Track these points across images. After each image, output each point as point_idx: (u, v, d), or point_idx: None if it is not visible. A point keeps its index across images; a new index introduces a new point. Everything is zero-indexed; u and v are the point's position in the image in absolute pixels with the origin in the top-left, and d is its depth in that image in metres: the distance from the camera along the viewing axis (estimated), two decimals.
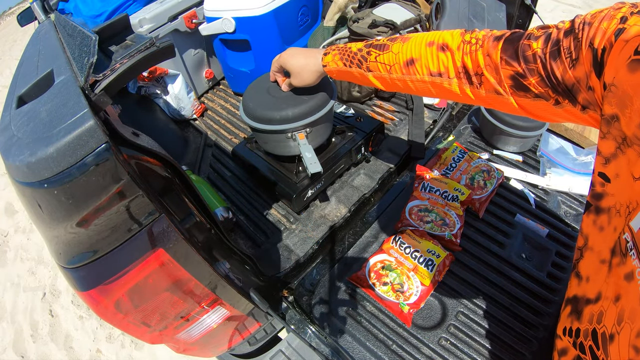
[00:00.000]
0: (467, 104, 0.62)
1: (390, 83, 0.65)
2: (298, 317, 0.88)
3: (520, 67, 0.48)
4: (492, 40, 0.52)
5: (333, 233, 1.02)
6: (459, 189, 1.04)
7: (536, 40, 0.47)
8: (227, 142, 1.39)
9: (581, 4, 4.44)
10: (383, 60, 0.62)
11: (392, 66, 0.62)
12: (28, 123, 0.45)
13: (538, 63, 0.46)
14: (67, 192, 0.40)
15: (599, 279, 0.43)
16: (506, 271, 0.92)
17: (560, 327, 0.52)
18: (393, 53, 0.61)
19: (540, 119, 0.54)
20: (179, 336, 0.71)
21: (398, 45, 0.62)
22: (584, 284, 0.47)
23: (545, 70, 0.46)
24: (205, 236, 0.64)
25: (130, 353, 1.83)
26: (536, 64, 0.47)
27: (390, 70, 0.62)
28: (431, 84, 0.60)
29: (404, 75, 0.61)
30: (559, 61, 0.44)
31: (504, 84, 0.51)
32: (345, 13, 1.48)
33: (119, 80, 0.48)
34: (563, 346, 0.51)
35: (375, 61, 0.63)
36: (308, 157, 0.87)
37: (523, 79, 0.49)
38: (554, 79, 0.45)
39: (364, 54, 0.65)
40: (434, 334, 0.83)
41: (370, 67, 0.65)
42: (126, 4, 1.38)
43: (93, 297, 0.52)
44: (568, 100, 0.46)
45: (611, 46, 0.38)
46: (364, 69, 0.66)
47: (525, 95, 0.50)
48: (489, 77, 0.53)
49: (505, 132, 1.12)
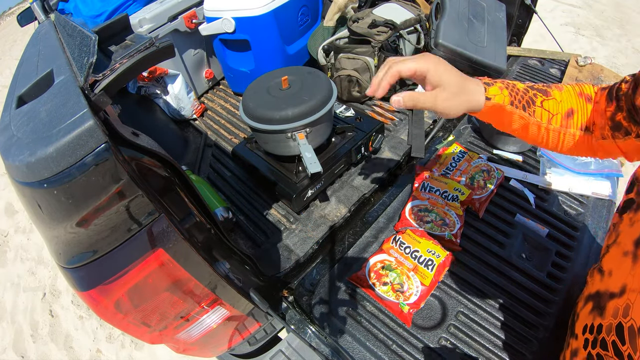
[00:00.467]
0: (573, 154, 0.59)
1: (538, 133, 0.58)
2: (298, 317, 0.88)
3: (614, 106, 0.52)
4: (600, 90, 0.56)
5: (333, 233, 1.02)
6: (459, 188, 1.04)
7: (627, 82, 0.52)
8: (227, 142, 1.39)
9: (581, 3, 4.44)
10: (547, 107, 0.56)
11: (554, 115, 0.56)
12: (28, 123, 0.45)
13: (625, 99, 0.51)
14: (67, 192, 0.40)
15: (623, 272, 0.43)
16: (506, 271, 0.92)
17: (579, 325, 0.52)
18: (556, 101, 0.56)
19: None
20: (179, 336, 0.71)
21: (557, 92, 0.57)
22: (606, 278, 0.48)
23: (628, 103, 0.50)
24: (205, 236, 0.64)
25: (130, 353, 1.83)
26: (623, 100, 0.51)
27: (550, 120, 0.56)
28: (573, 136, 0.57)
29: (561, 127, 0.56)
30: (638, 91, 0.48)
31: (606, 127, 0.54)
32: (345, 13, 1.48)
33: (118, 80, 0.48)
34: (578, 345, 0.51)
35: (541, 106, 0.56)
36: (308, 157, 0.87)
37: (616, 116, 0.52)
38: (634, 110, 0.49)
39: (531, 96, 0.57)
40: (434, 334, 0.83)
41: (535, 112, 0.56)
42: (126, 4, 1.38)
43: (93, 297, 0.52)
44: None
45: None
46: (529, 113, 0.56)
47: (619, 135, 0.53)
48: (597, 123, 0.55)
49: (506, 132, 1.11)
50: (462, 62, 1.37)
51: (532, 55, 1.60)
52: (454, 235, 0.95)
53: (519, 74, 1.49)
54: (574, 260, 0.93)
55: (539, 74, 1.51)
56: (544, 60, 1.59)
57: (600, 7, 4.38)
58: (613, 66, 3.31)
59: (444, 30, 1.34)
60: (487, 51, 1.39)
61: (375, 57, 1.29)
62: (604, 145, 0.55)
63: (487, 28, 1.45)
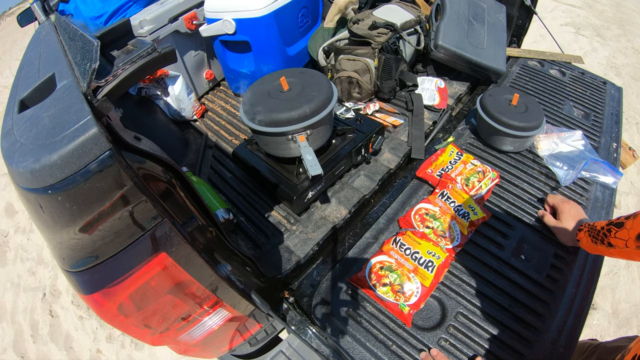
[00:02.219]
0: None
1: (626, 253, 0.74)
2: (299, 318, 0.88)
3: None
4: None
5: (333, 234, 1.02)
6: (474, 208, 1.02)
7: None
8: (228, 143, 1.39)
9: (581, 3, 4.44)
10: (621, 236, 0.73)
11: (627, 240, 0.72)
12: (31, 129, 0.46)
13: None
14: (71, 198, 0.40)
15: None
16: (505, 272, 0.92)
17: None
18: (626, 229, 0.72)
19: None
20: (181, 338, 0.72)
21: (630, 222, 0.72)
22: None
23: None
24: (206, 238, 0.65)
25: (130, 353, 1.84)
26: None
27: (627, 244, 0.72)
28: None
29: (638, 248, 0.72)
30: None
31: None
32: (346, 14, 1.48)
33: (121, 86, 0.48)
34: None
35: (615, 237, 0.75)
36: (309, 159, 0.87)
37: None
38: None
39: (605, 232, 0.78)
40: (433, 335, 0.84)
41: (611, 242, 0.76)
42: (127, 5, 1.38)
43: (96, 300, 0.52)
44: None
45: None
46: (606, 244, 0.77)
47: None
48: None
49: (502, 132, 1.12)
50: (462, 64, 1.38)
51: (532, 56, 1.60)
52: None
53: (519, 76, 1.50)
54: (573, 262, 0.94)
55: (539, 75, 1.51)
56: (544, 62, 1.59)
57: (600, 7, 4.38)
58: (613, 66, 3.31)
59: (443, 31, 1.34)
60: (487, 53, 1.39)
61: (375, 59, 1.29)
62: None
63: (487, 30, 1.45)
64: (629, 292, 1.80)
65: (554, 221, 0.97)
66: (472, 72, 1.42)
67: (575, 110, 1.37)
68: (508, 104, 1.16)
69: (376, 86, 1.34)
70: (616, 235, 0.74)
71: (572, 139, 1.18)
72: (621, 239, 0.73)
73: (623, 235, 0.72)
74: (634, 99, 2.96)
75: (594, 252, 0.85)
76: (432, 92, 1.37)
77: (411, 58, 1.46)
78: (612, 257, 0.79)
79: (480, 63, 1.36)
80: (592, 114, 1.35)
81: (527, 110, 1.14)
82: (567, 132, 1.21)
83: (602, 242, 0.78)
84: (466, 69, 1.40)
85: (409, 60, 1.43)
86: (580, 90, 1.46)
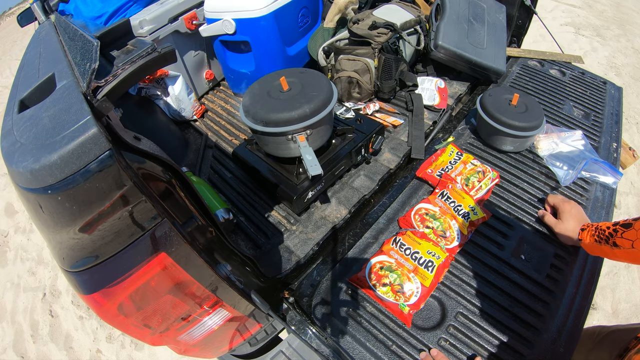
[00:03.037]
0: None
1: (631, 254, 0.75)
2: (299, 318, 0.88)
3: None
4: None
5: (333, 234, 1.02)
6: (474, 208, 1.02)
7: None
8: (228, 143, 1.39)
9: (581, 3, 4.44)
10: (628, 237, 0.74)
11: (634, 241, 0.73)
12: (31, 129, 0.46)
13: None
14: (71, 198, 0.40)
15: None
16: (505, 272, 0.92)
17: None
18: (635, 230, 0.73)
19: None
20: (181, 338, 0.72)
21: (639, 223, 0.74)
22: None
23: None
24: (206, 238, 0.65)
25: (130, 353, 1.84)
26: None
27: (633, 245, 0.73)
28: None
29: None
30: None
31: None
32: (346, 14, 1.48)
33: (120, 86, 0.48)
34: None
35: (621, 237, 0.75)
36: (308, 159, 0.87)
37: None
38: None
39: (611, 231, 0.78)
40: (433, 335, 0.84)
41: (616, 242, 0.76)
42: (127, 5, 1.38)
43: (96, 300, 0.52)
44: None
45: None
46: (611, 244, 0.78)
47: None
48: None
49: (502, 132, 1.12)
50: (462, 64, 1.38)
51: (532, 56, 1.60)
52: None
53: (519, 76, 1.50)
54: (573, 262, 0.94)
55: (539, 75, 1.51)
56: (544, 62, 1.59)
57: (600, 7, 4.38)
58: (613, 66, 3.31)
59: (443, 31, 1.34)
60: (487, 53, 1.39)
61: (375, 59, 1.29)
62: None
63: (487, 30, 1.45)
64: (629, 292, 1.81)
65: (554, 221, 0.98)
66: (472, 72, 1.42)
67: (575, 110, 1.37)
68: (508, 103, 1.16)
69: (376, 86, 1.34)
70: (623, 236, 0.74)
71: (572, 139, 1.18)
72: (628, 239, 0.73)
73: (631, 235, 0.73)
74: (634, 99, 2.96)
75: (596, 252, 0.85)
76: (432, 92, 1.37)
77: (411, 58, 1.46)
78: (613, 258, 0.79)
79: (480, 63, 1.36)
80: (592, 114, 1.36)
81: (527, 110, 1.14)
82: (567, 132, 1.21)
83: (607, 242, 0.79)
84: (466, 69, 1.40)
85: (409, 60, 1.43)
86: (580, 90, 1.46)
